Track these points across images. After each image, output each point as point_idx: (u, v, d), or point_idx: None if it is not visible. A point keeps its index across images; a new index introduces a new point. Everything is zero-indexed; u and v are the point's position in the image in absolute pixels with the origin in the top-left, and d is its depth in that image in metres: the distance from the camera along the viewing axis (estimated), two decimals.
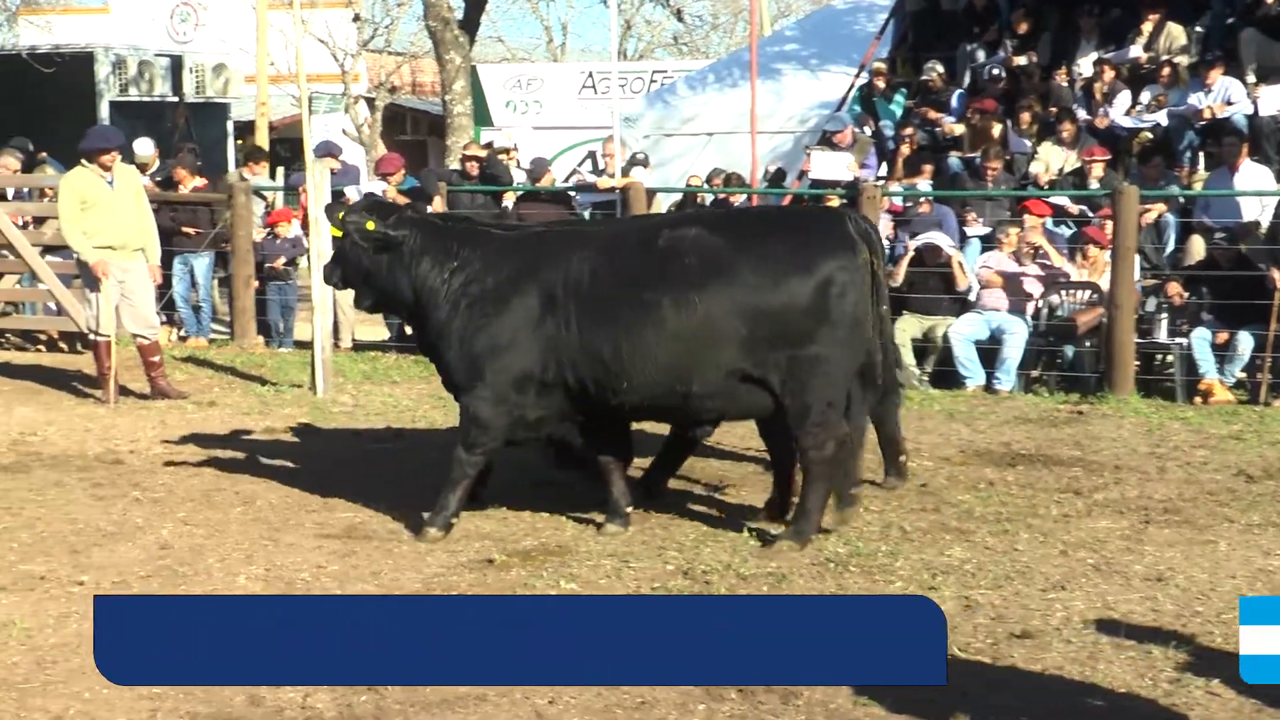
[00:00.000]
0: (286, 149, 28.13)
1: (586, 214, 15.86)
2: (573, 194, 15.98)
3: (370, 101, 33.44)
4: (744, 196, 15.68)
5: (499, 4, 38.97)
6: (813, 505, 8.40)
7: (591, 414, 8.66)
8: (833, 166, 15.60)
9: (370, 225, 8.76)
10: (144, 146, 17.95)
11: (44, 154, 18.98)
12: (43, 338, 16.55)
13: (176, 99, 25.96)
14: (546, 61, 38.10)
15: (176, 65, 26.32)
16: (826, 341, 8.23)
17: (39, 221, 16.51)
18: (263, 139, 23.33)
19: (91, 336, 12.88)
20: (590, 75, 29.11)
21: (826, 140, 16.61)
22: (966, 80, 18.11)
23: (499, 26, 41.05)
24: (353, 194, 15.59)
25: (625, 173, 15.44)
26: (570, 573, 7.83)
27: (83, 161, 13.17)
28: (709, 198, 15.58)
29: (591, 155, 16.80)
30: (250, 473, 10.05)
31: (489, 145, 17.91)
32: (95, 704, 6.08)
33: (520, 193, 15.86)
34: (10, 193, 17.38)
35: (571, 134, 25.63)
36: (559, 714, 5.98)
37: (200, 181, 16.97)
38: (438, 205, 15.27)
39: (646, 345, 8.23)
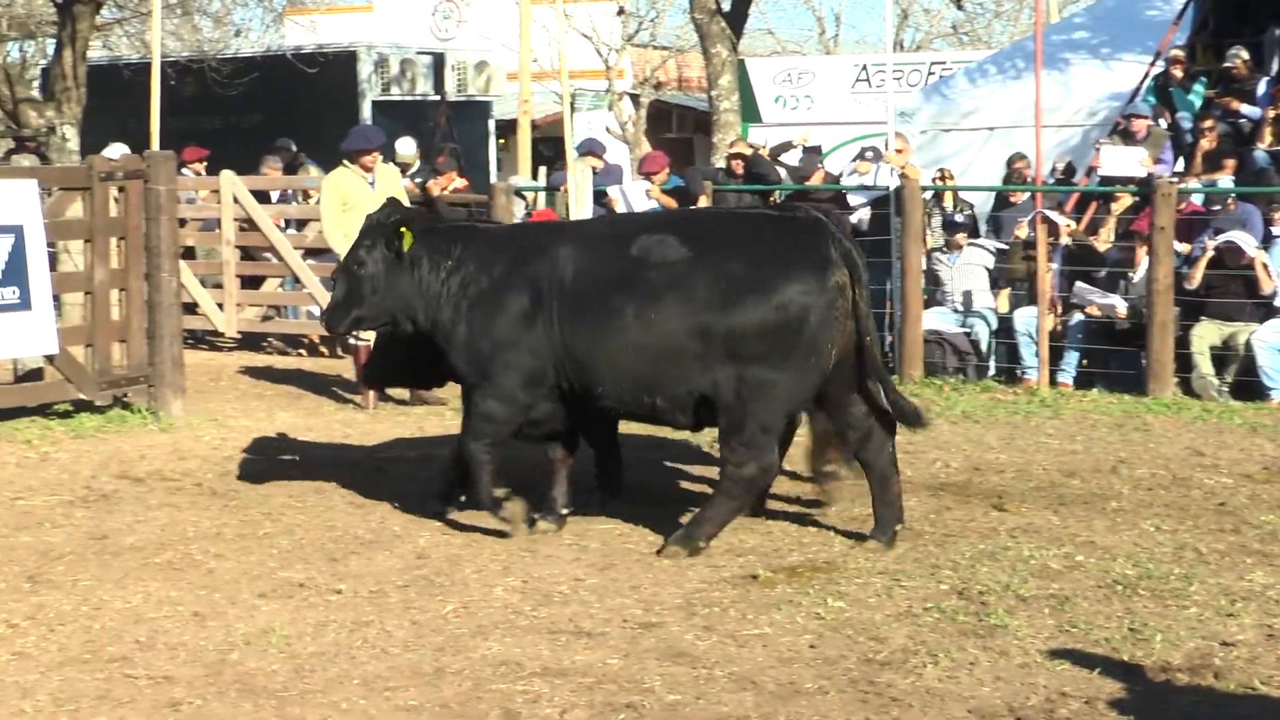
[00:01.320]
0: (549, 148, 28.52)
1: (864, 213, 15.79)
2: (846, 192, 15.93)
3: (635, 98, 33.76)
4: (1026, 194, 15.45)
5: None
6: (712, 516, 8.61)
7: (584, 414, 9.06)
8: (1125, 162, 15.28)
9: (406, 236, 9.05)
10: (406, 146, 18.43)
11: (303, 155, 19.58)
12: (304, 342, 17.11)
13: (438, 98, 26.54)
14: (818, 54, 38.06)
15: (438, 63, 26.90)
16: (776, 365, 8.37)
17: (301, 224, 17.09)
18: (525, 137, 23.73)
19: (351, 341, 13.25)
20: (864, 68, 28.96)
21: (1118, 133, 16.27)
22: (1275, 67, 17.53)
23: (769, 19, 41.13)
24: (615, 194, 15.80)
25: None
26: (838, 590, 7.81)
27: (344, 162, 13.56)
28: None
29: (864, 152, 16.69)
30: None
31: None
32: (352, 714, 6.26)
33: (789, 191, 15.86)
34: (275, 195, 18.02)
35: (844, 130, 25.52)
36: None
37: (461, 182, 17.34)
38: (703, 205, 15.38)
39: (613, 353, 8.59)
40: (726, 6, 20.89)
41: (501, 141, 29.73)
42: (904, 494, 9.93)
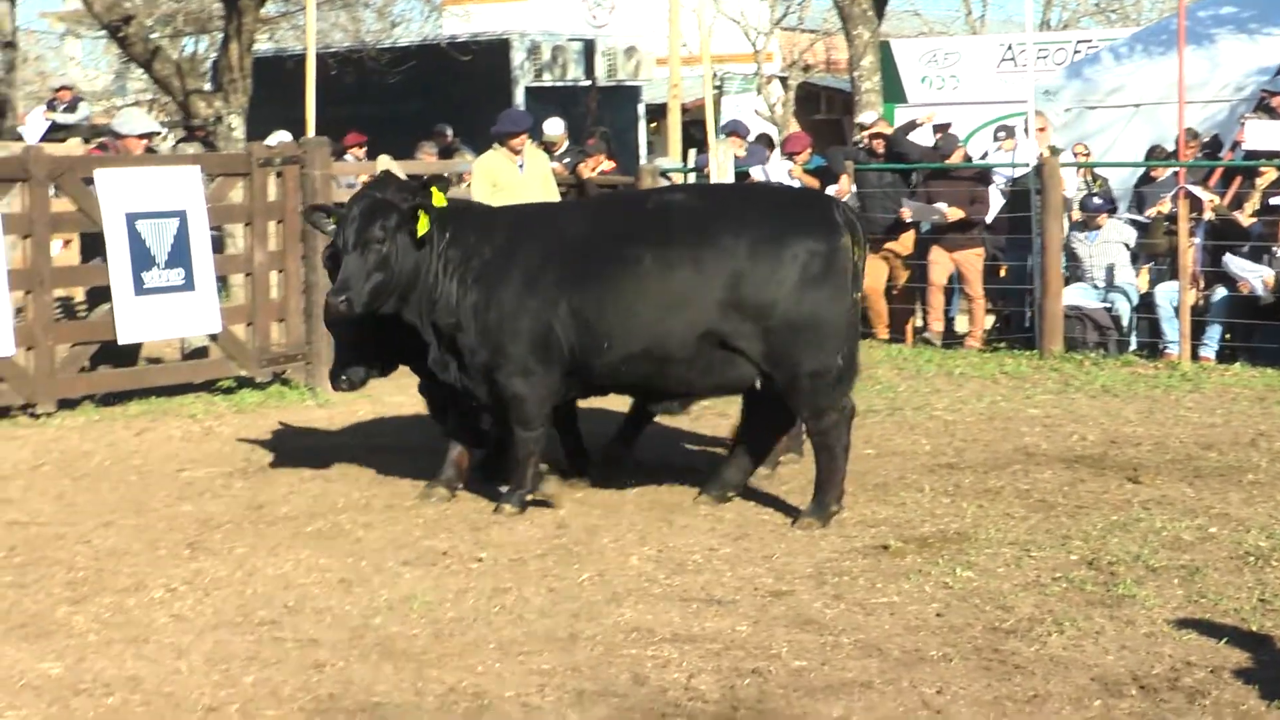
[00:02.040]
0: (700, 131, 28.49)
1: (999, 192, 15.62)
2: (986, 170, 15.77)
3: (783, 80, 33.63)
4: (1170, 171, 15.18)
5: None
6: (828, 478, 8.63)
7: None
8: (1269, 136, 14.93)
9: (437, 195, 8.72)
10: (554, 126, 18.49)
11: (458, 140, 19.76)
12: None
13: (589, 83, 26.63)
14: (965, 35, 37.61)
15: (589, 50, 27.01)
16: (813, 316, 8.48)
17: None
18: (675, 121, 23.73)
19: None
20: (1010, 48, 28.55)
21: (1263, 108, 15.91)
22: None
23: (915, 1, 40.61)
24: (758, 174, 15.77)
25: None
26: (968, 560, 7.76)
27: (494, 145, 13.68)
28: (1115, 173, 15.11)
29: (997, 132, 16.51)
30: (650, 453, 10.26)
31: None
32: (487, 677, 6.33)
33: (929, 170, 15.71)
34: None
35: (988, 109, 25.19)
36: (946, 704, 5.93)
37: (609, 164, 17.40)
38: (844, 184, 15.31)
39: (626, 305, 8.52)
40: None
41: (653, 125, 29.76)
42: (1041, 466, 9.91)
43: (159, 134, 16.42)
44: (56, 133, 19.93)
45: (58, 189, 11.94)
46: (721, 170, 14.16)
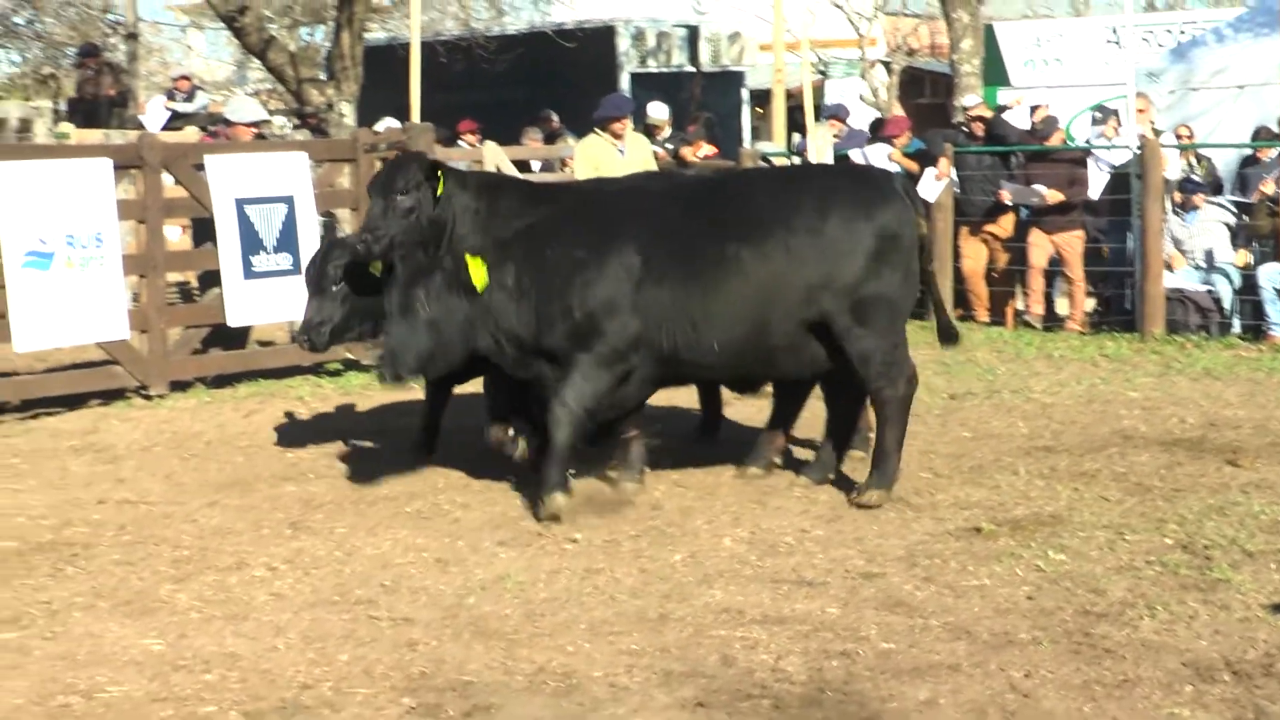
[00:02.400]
0: (803, 115, 28.33)
1: (1104, 175, 15.34)
2: (1087, 151, 15.50)
3: (887, 65, 33.31)
4: (1275, 152, 14.86)
5: None
6: (890, 449, 8.54)
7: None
8: None
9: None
10: (657, 110, 18.38)
11: (561, 126, 19.74)
12: None
13: (693, 69, 26.54)
14: (1069, 17, 37.05)
15: (693, 36, 26.94)
16: (885, 285, 8.41)
17: None
18: (780, 106, 23.61)
19: None
20: (1114, 30, 28.07)
21: None
22: None
23: None
24: (857, 157, 15.61)
25: None
26: (1060, 543, 7.62)
27: (596, 130, 13.65)
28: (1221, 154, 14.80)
29: (1094, 113, 16.24)
30: (743, 438, 10.18)
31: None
32: (577, 656, 6.29)
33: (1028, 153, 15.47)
34: (536, 165, 18.19)
35: (1092, 92, 24.82)
36: (1034, 687, 5.82)
37: (711, 149, 17.30)
38: (943, 167, 15.12)
39: (728, 298, 8.33)
40: None
41: (759, 110, 29.61)
42: (1138, 449, 9.72)
43: (268, 121, 16.51)
44: (175, 121, 20.05)
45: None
46: (819, 153, 14.03)
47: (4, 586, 7.34)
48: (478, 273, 8.32)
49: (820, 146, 14.04)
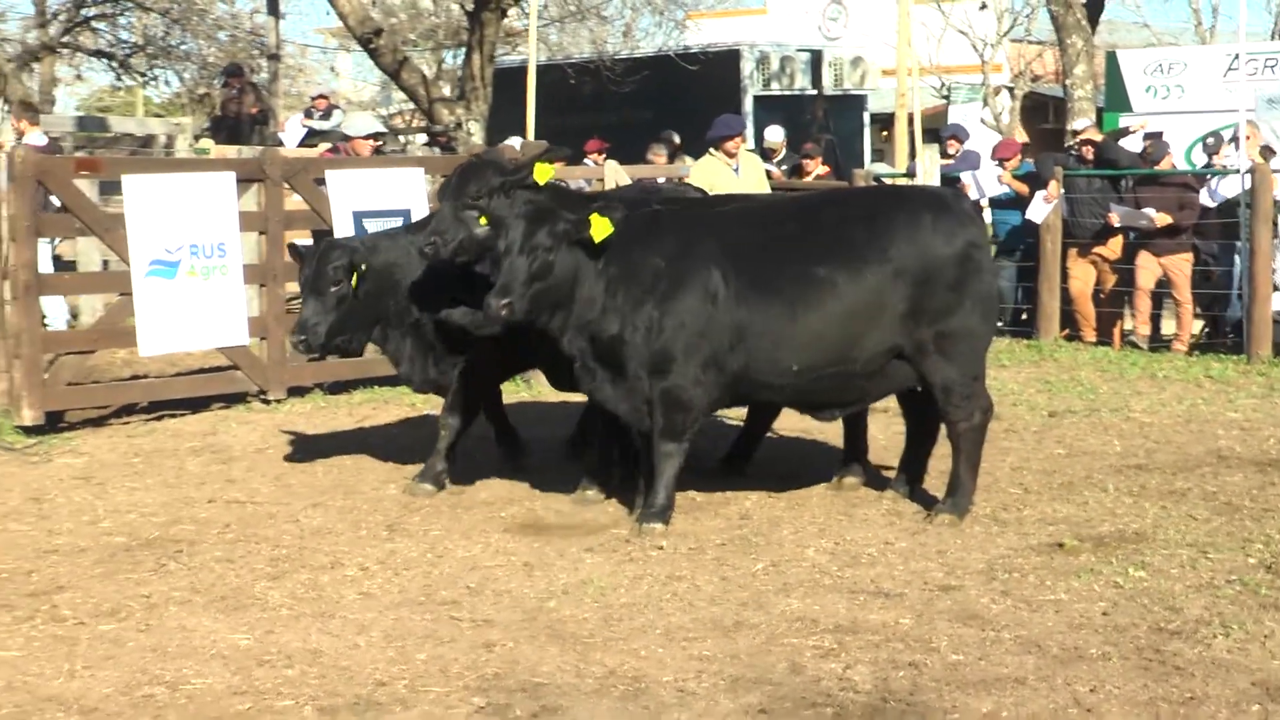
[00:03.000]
0: (927, 138, 28.14)
1: (1210, 202, 14.97)
2: (1198, 176, 15.15)
3: (1010, 90, 32.91)
4: None
5: None
6: (966, 476, 8.36)
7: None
8: None
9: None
10: (774, 133, 18.42)
11: (679, 147, 19.73)
12: None
13: (815, 92, 26.40)
14: (1193, 45, 36.37)
15: (816, 60, 26.77)
16: (966, 314, 8.22)
17: None
18: (902, 129, 23.44)
19: None
20: (1236, 57, 27.52)
21: None
22: None
23: (1143, 11, 39.25)
24: (967, 179, 15.40)
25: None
26: (1141, 560, 7.41)
27: (710, 150, 13.69)
28: None
29: (1205, 140, 15.85)
30: (828, 451, 10.04)
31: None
32: (649, 661, 6.21)
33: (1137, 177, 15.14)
34: (661, 181, 18.16)
35: (1211, 118, 24.32)
36: (1099, 703, 5.65)
37: (823, 169, 17.18)
38: (1053, 189, 14.85)
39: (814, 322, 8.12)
40: None
41: (884, 133, 29.39)
42: (1232, 469, 9.47)
43: (385, 135, 16.62)
44: (311, 138, 20.34)
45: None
46: (928, 175, 13.86)
47: (109, 580, 7.41)
48: (601, 228, 8.01)
49: (928, 168, 13.86)
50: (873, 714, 5.64)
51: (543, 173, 8.42)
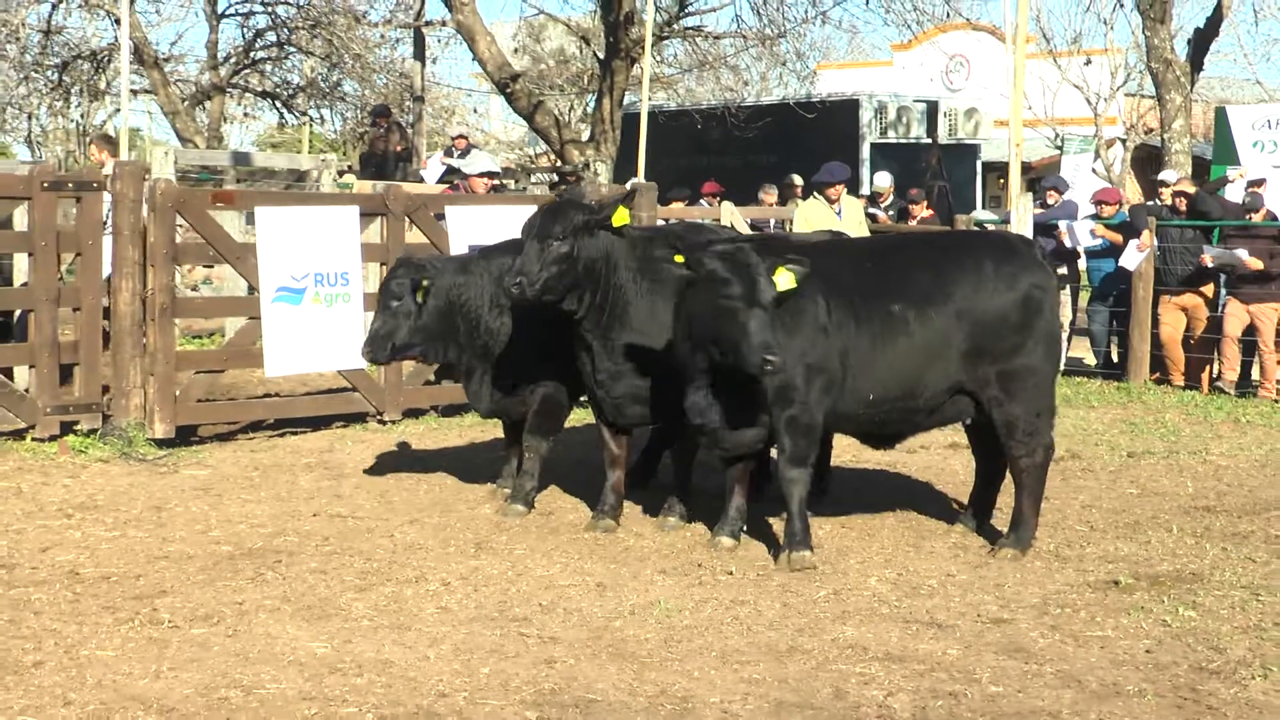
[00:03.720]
0: (1028, 186, 27.91)
1: None
2: None
3: (1123, 142, 32.39)
4: None
5: (1255, 48, 36.73)
6: (1028, 512, 8.15)
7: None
8: None
9: None
10: (882, 179, 18.35)
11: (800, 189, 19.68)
12: None
13: (930, 140, 26.22)
14: None
15: (931, 110, 26.63)
16: (1030, 353, 8.03)
17: None
18: (1015, 177, 23.21)
19: None
20: None
21: None
22: None
23: (1257, 70, 38.48)
24: (1063, 227, 15.16)
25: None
26: (1194, 600, 7.19)
27: (814, 194, 13.77)
28: None
29: None
30: (907, 485, 9.89)
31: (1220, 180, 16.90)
32: (700, 682, 6.12)
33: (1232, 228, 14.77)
34: (771, 223, 18.11)
35: None
36: None
37: (927, 213, 17.01)
38: (1146, 238, 14.54)
39: (896, 357, 7.95)
40: (1182, 56, 19.87)
41: (1000, 181, 29.12)
42: None
43: (499, 173, 16.70)
44: (450, 175, 20.53)
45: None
46: (1020, 222, 13.63)
47: (208, 587, 7.46)
48: (786, 279, 7.71)
49: (1021, 216, 13.64)
50: None
51: (621, 216, 8.36)
